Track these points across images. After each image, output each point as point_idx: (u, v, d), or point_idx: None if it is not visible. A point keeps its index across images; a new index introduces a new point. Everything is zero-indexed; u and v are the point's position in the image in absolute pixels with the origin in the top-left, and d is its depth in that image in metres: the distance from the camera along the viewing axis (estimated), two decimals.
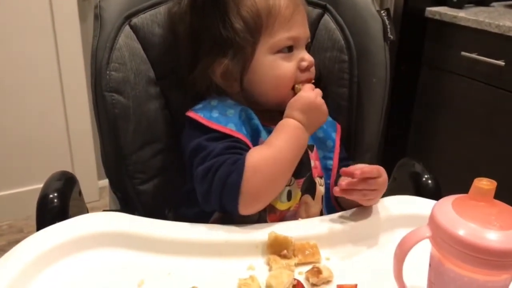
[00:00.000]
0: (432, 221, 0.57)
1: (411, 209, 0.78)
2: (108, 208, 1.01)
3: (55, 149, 2.09)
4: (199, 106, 0.81)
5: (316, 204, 0.83)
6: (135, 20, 0.83)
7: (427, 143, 2.01)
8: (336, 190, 0.71)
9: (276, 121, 0.78)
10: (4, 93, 1.92)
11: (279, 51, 0.79)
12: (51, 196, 0.82)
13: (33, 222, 0.80)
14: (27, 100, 1.97)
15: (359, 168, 0.71)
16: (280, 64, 0.79)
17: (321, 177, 0.86)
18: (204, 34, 0.80)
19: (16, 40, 1.87)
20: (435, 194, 0.87)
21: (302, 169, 0.79)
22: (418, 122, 2.04)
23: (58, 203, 0.81)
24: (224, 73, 0.81)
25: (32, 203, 0.82)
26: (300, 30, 0.81)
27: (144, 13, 0.84)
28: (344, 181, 0.72)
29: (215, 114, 0.78)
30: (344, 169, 0.74)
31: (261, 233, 0.70)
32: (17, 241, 0.68)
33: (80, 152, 2.14)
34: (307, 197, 0.81)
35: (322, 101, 0.79)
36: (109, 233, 0.70)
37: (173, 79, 0.87)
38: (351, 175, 0.71)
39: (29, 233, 0.67)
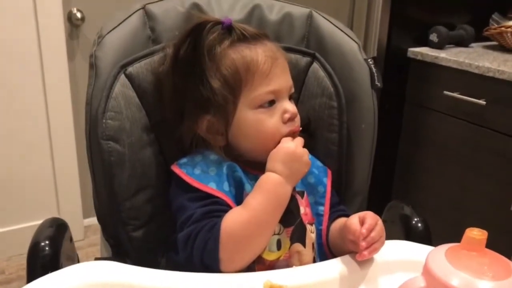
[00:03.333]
0: (426, 271, 0.58)
1: (404, 255, 0.78)
2: (99, 255, 1.00)
3: (39, 188, 2.06)
4: (184, 160, 0.82)
5: (308, 251, 0.82)
6: (130, 69, 0.85)
7: (413, 180, 2.04)
8: (359, 257, 0.73)
9: (262, 167, 0.78)
10: None
11: (261, 106, 0.79)
12: (42, 244, 0.81)
13: (14, 263, 0.79)
14: (12, 140, 1.95)
15: (364, 227, 0.73)
16: (263, 120, 0.79)
17: (311, 224, 0.86)
18: (187, 92, 0.81)
19: (3, 79, 1.88)
20: (425, 237, 0.89)
21: (290, 217, 0.80)
22: (404, 160, 2.08)
23: (49, 251, 0.81)
24: (209, 128, 0.82)
25: (14, 244, 0.82)
26: (281, 82, 0.80)
27: (139, 62, 0.86)
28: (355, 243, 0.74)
29: (197, 171, 0.79)
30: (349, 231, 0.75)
31: (256, 282, 0.70)
32: None
33: (65, 191, 2.11)
34: (299, 246, 0.81)
35: (303, 151, 0.79)
36: (101, 284, 0.69)
37: (167, 126, 0.88)
38: (359, 237, 0.73)
39: (10, 274, 0.65)
